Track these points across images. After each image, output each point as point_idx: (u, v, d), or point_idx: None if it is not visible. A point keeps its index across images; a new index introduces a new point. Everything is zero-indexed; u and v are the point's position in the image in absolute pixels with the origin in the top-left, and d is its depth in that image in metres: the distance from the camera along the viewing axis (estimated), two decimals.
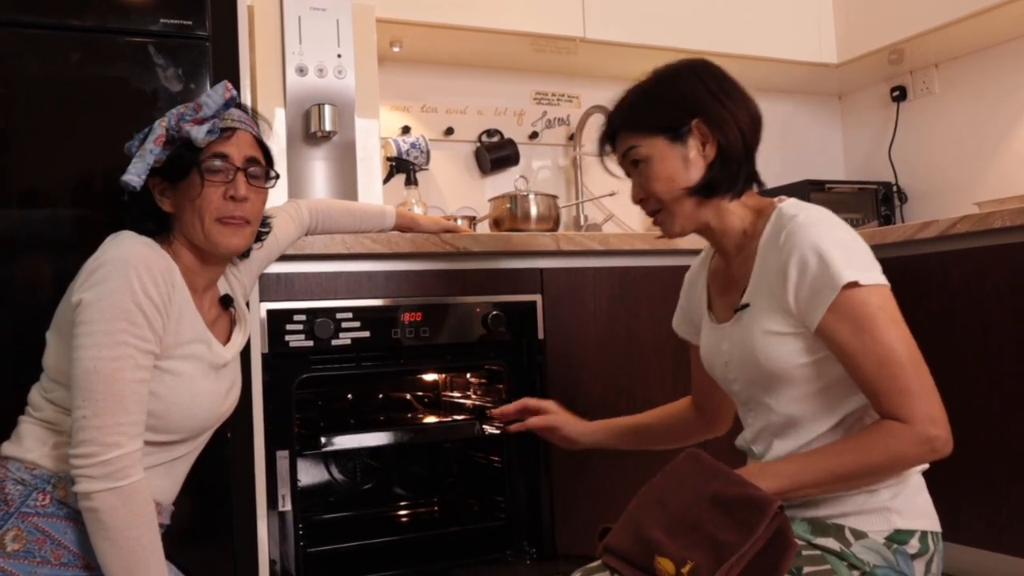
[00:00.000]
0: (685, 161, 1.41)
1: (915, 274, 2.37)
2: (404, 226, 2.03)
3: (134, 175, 1.38)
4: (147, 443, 1.35)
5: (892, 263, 2.41)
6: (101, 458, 1.25)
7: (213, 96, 1.40)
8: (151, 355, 1.31)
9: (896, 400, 1.21)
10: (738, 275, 1.43)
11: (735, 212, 1.43)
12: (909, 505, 1.31)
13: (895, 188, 3.25)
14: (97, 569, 1.30)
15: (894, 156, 3.35)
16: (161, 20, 1.70)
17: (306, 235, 1.86)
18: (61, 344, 1.34)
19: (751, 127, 1.41)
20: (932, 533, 1.31)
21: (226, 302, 1.54)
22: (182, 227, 1.42)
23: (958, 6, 2.74)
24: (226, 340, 1.51)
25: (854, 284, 1.23)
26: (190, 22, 1.72)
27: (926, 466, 1.34)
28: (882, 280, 1.27)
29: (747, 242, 1.41)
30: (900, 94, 3.34)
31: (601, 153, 1.54)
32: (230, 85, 1.42)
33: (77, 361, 1.27)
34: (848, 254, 1.26)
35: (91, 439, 1.25)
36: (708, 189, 1.41)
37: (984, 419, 2.20)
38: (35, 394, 1.40)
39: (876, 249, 1.36)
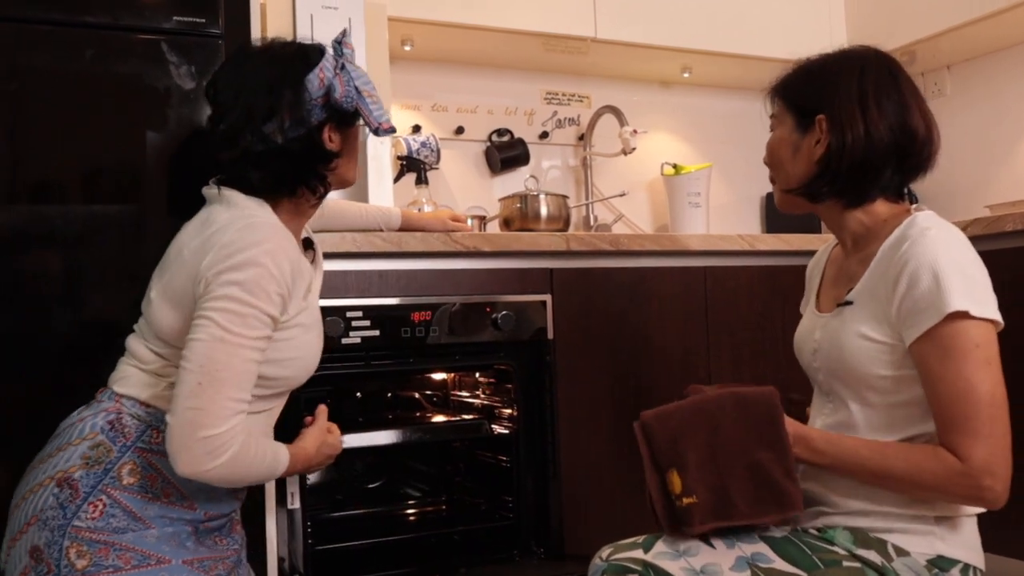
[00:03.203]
0: (796, 149, 1.40)
1: None
2: (408, 227, 2.05)
3: (389, 117, 1.47)
4: (262, 397, 1.40)
5: None
6: (204, 433, 1.25)
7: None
8: (269, 340, 1.34)
9: (959, 438, 1.20)
10: (852, 271, 1.40)
11: (852, 216, 1.40)
12: (956, 535, 1.29)
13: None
14: (200, 510, 1.37)
15: None
16: (174, 17, 1.70)
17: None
18: (179, 315, 1.35)
19: (892, 140, 1.34)
20: (975, 568, 1.30)
21: (307, 244, 1.59)
22: (337, 168, 1.48)
23: (970, 8, 2.73)
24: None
25: (963, 315, 1.21)
26: (203, 20, 1.73)
27: (981, 508, 1.32)
28: (995, 315, 1.24)
29: (870, 243, 1.38)
30: None
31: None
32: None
33: (203, 327, 1.28)
34: (967, 283, 1.23)
35: (200, 407, 1.25)
36: (803, 190, 1.40)
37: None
38: (142, 348, 1.41)
39: None
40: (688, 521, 1.25)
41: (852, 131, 1.34)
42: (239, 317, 1.28)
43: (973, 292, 1.23)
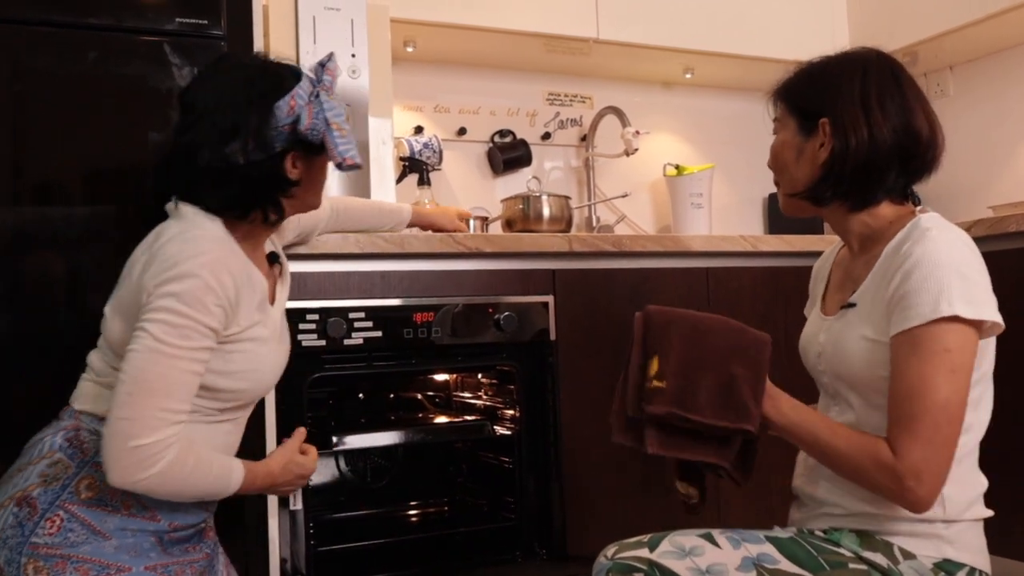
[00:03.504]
0: (800, 153, 1.40)
1: None
2: (419, 223, 2.06)
3: (355, 152, 1.43)
4: (221, 409, 1.41)
5: None
6: (133, 443, 1.24)
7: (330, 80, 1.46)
8: (210, 351, 1.33)
9: (900, 435, 1.20)
10: (857, 274, 1.40)
11: (857, 219, 1.40)
12: (962, 539, 1.29)
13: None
14: (163, 521, 1.37)
15: None
16: (177, 19, 1.70)
17: (323, 232, 1.88)
18: (127, 326, 1.35)
19: (896, 142, 1.34)
20: (981, 572, 1.29)
21: (272, 259, 1.57)
22: (296, 196, 1.46)
23: (972, 9, 2.72)
24: (271, 297, 1.53)
25: (949, 318, 1.20)
26: (205, 21, 1.73)
27: (990, 512, 1.33)
28: (991, 316, 1.23)
29: (875, 245, 1.38)
30: None
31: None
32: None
33: (139, 339, 1.27)
34: (964, 284, 1.22)
35: (131, 417, 1.25)
36: (807, 194, 1.40)
37: (995, 424, 2.18)
38: (100, 361, 1.41)
39: None
40: (649, 400, 1.27)
41: (855, 134, 1.33)
42: (174, 328, 1.27)
43: (969, 294, 1.22)
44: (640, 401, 1.29)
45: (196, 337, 1.29)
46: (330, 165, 1.48)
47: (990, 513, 1.32)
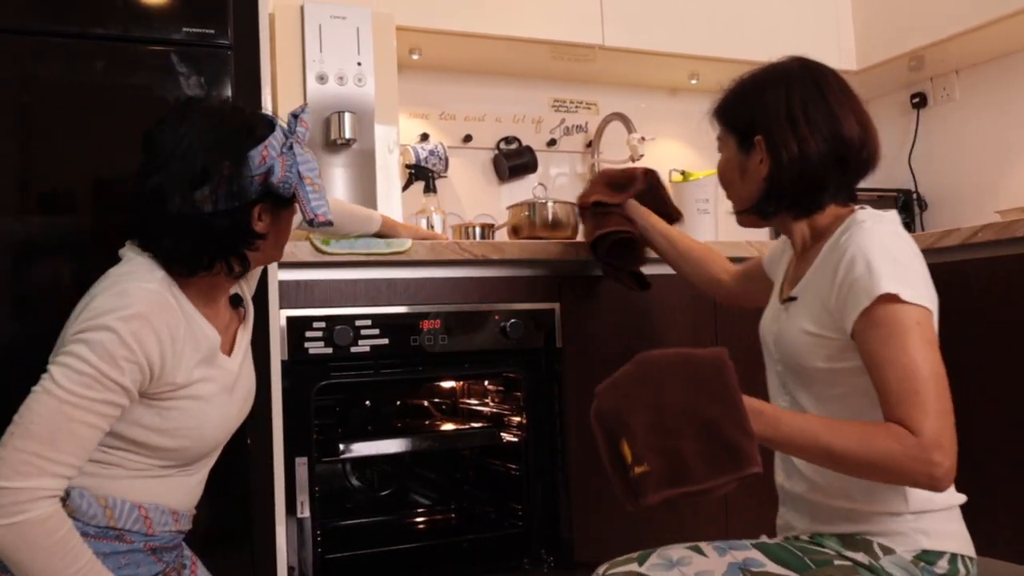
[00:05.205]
0: (743, 171, 1.44)
1: (936, 282, 2.34)
2: (386, 233, 2.02)
3: (327, 209, 1.38)
4: (164, 467, 1.36)
5: None
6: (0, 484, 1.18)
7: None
8: (118, 408, 1.26)
9: (910, 411, 1.18)
10: (801, 268, 1.44)
11: (801, 224, 1.44)
12: (938, 529, 1.30)
13: (915, 195, 3.24)
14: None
15: (914, 163, 3.33)
16: (183, 28, 1.71)
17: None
18: None
19: (828, 151, 1.36)
20: (964, 556, 1.30)
21: (235, 301, 1.53)
22: (260, 248, 1.40)
23: (979, 13, 2.72)
24: (231, 343, 1.48)
25: (893, 297, 1.22)
26: (212, 30, 1.73)
27: (963, 497, 1.33)
28: (927, 303, 1.25)
29: (816, 242, 1.42)
30: (920, 101, 3.31)
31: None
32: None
33: (41, 380, 1.23)
34: (898, 268, 1.25)
35: (0, 456, 1.19)
36: (753, 210, 1.44)
37: (1007, 430, 2.18)
38: None
39: None
40: (643, 491, 1.17)
41: (786, 150, 1.37)
42: (76, 375, 1.21)
43: (903, 278, 1.24)
44: (632, 494, 1.20)
45: (98, 389, 1.22)
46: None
47: (963, 498, 1.33)
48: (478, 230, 2.55)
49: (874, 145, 1.40)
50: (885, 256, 1.26)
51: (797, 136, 1.36)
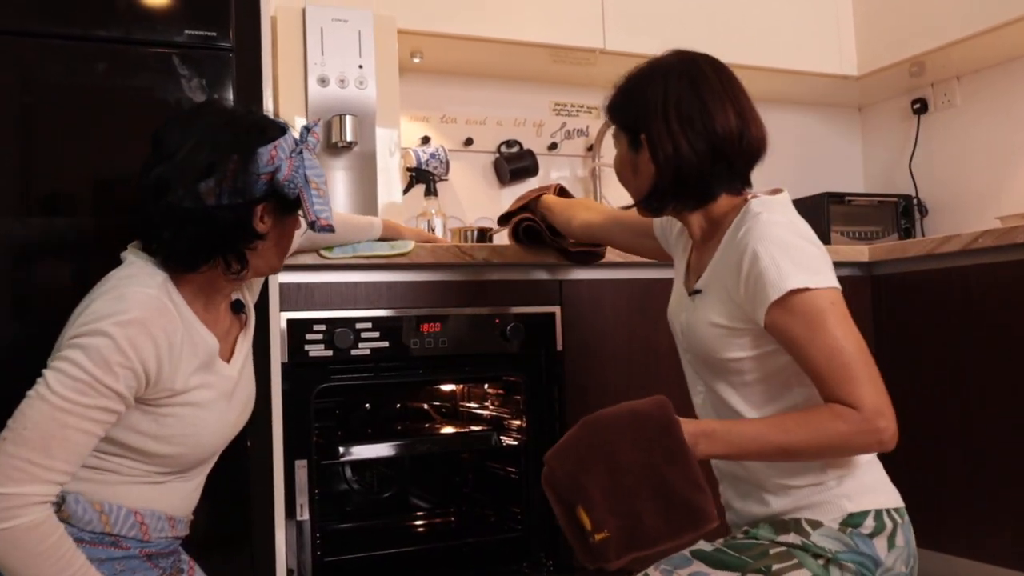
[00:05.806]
0: (635, 168, 1.45)
1: (936, 289, 2.35)
2: (389, 237, 2.01)
3: (330, 215, 1.37)
4: (161, 473, 1.36)
5: (913, 277, 2.40)
6: None
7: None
8: (113, 415, 1.26)
9: (846, 388, 1.23)
10: (703, 260, 1.45)
11: (696, 216, 1.45)
12: (858, 488, 1.32)
13: (916, 201, 3.23)
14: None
15: (915, 169, 3.33)
16: (185, 31, 1.71)
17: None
18: None
19: (707, 146, 1.36)
20: (888, 510, 1.32)
21: (237, 308, 1.52)
22: (259, 250, 1.39)
23: (980, 19, 2.72)
24: (231, 350, 1.48)
25: (802, 290, 1.25)
26: (214, 33, 1.74)
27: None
28: (832, 283, 1.28)
29: (713, 234, 1.43)
30: (921, 107, 3.32)
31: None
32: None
33: (35, 385, 1.22)
34: (799, 259, 1.27)
35: None
36: (645, 205, 1.45)
37: (1007, 434, 2.18)
38: None
39: (896, 263, 1.35)
40: (605, 556, 1.21)
41: (662, 148, 1.37)
42: (71, 380, 1.21)
43: (806, 266, 1.27)
44: (593, 557, 1.22)
45: (93, 395, 1.21)
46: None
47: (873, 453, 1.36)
48: (476, 233, 2.55)
49: (755, 134, 1.39)
50: (785, 250, 1.28)
51: (671, 133, 1.37)
